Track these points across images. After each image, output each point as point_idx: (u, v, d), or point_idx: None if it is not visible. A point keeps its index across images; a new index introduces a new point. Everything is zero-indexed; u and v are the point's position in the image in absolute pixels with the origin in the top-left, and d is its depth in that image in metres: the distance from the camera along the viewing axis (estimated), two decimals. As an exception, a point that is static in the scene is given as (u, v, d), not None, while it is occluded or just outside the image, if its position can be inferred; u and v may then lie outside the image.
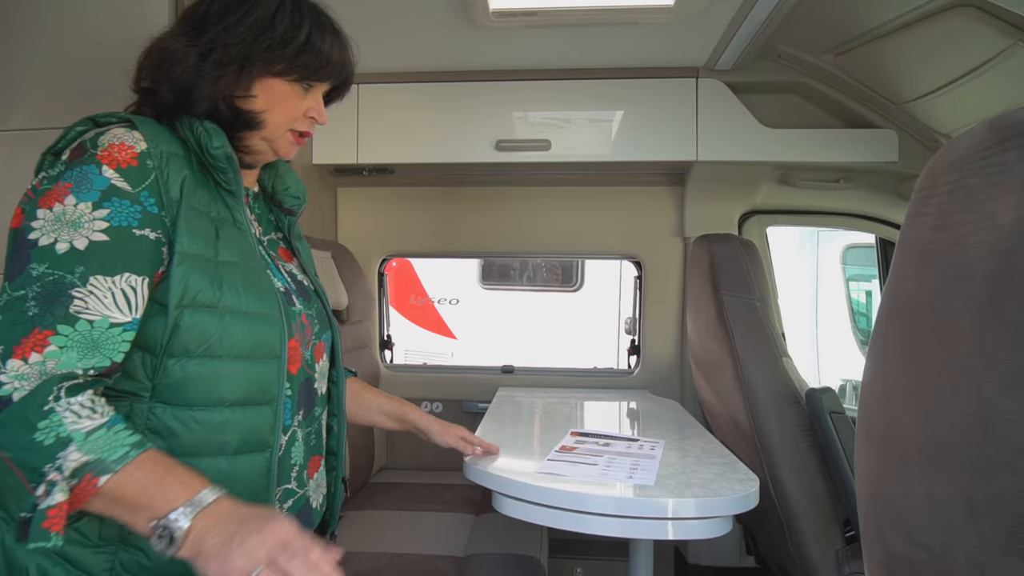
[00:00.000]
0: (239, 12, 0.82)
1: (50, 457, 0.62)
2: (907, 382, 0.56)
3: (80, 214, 0.69)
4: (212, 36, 0.80)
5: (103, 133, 0.74)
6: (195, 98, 0.80)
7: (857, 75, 1.68)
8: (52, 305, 0.66)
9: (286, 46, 0.82)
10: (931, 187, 0.55)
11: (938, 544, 0.52)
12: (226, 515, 0.65)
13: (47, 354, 0.65)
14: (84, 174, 0.71)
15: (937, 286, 0.52)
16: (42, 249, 0.68)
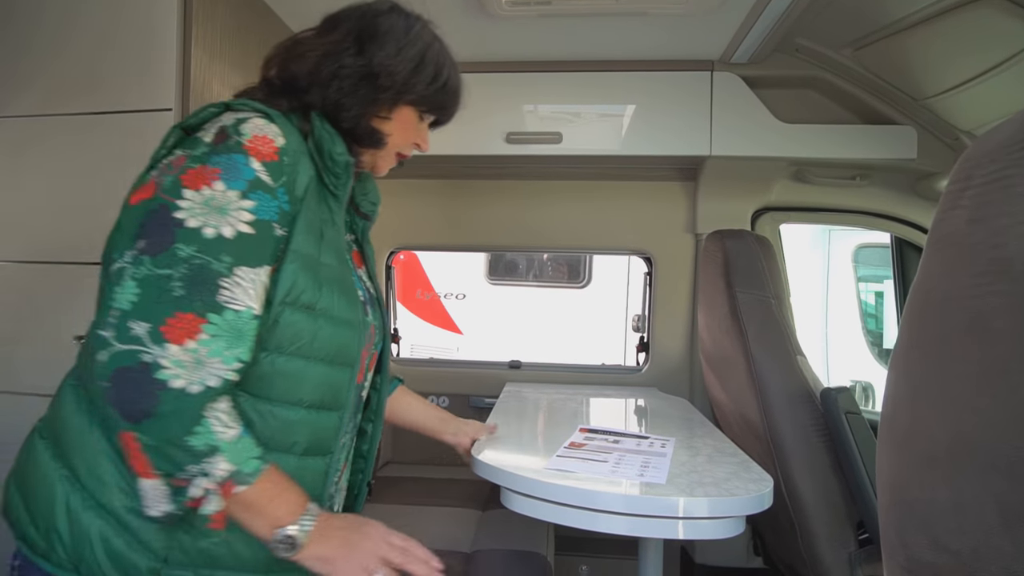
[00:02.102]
0: (402, 40, 0.85)
1: (196, 460, 0.66)
2: (936, 382, 0.54)
3: (228, 200, 0.70)
4: (380, 60, 0.84)
5: (244, 121, 0.74)
6: (344, 114, 0.83)
7: (876, 70, 1.65)
8: (199, 290, 0.67)
9: (434, 82, 0.88)
10: (966, 179, 0.53)
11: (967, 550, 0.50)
12: (335, 525, 0.74)
13: (200, 342, 0.66)
14: (233, 162, 0.71)
15: (972, 282, 0.49)
16: (190, 231, 0.67)
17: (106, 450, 0.72)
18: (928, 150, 1.75)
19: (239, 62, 1.43)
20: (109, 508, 0.71)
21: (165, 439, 0.65)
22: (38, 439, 0.78)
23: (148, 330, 0.64)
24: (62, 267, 1.30)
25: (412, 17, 0.90)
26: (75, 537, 0.71)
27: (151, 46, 1.26)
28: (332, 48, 0.84)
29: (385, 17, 0.87)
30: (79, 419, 0.74)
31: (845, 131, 1.80)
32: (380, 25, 0.85)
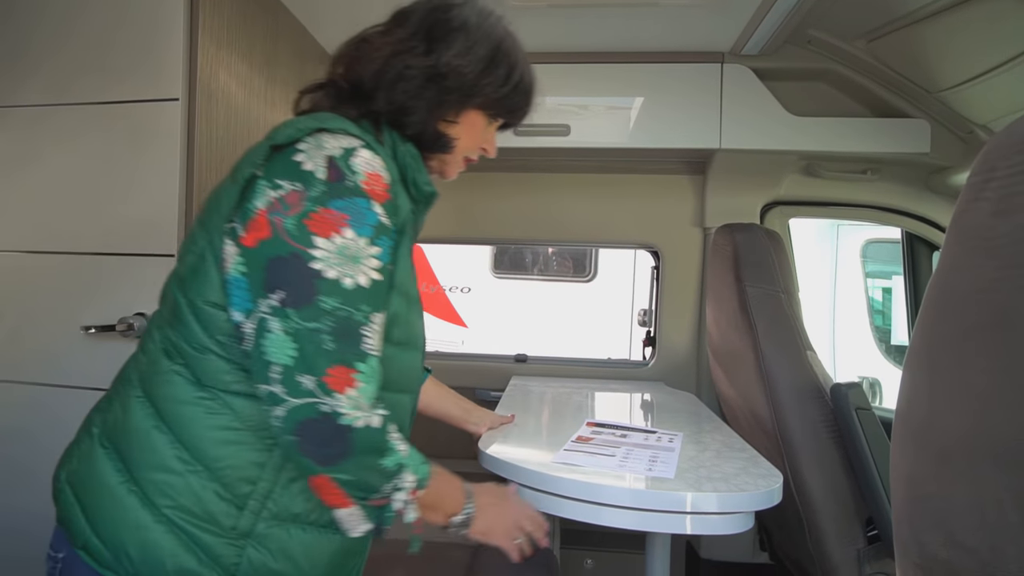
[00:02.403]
0: (471, 38, 0.82)
1: (389, 478, 0.72)
2: (957, 377, 0.53)
3: (359, 249, 0.70)
4: (447, 61, 0.80)
5: (352, 154, 0.71)
6: (409, 119, 0.81)
7: (890, 62, 1.62)
8: (347, 342, 0.69)
9: (505, 84, 0.84)
10: (990, 171, 0.51)
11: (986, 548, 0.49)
12: (488, 502, 0.87)
13: (360, 390, 0.69)
14: (358, 207, 0.70)
15: (995, 276, 0.48)
16: (330, 282, 0.68)
17: (178, 468, 0.72)
18: (941, 144, 1.73)
19: (246, 52, 1.43)
20: (180, 524, 0.72)
21: (363, 471, 0.70)
22: (99, 447, 0.76)
23: (316, 383, 0.67)
24: (69, 257, 1.30)
25: (485, 11, 0.85)
26: (145, 552, 0.71)
27: (158, 35, 1.25)
28: (399, 47, 0.81)
29: (457, 11, 0.83)
30: (149, 434, 0.74)
31: (857, 124, 1.78)
32: (451, 21, 0.82)
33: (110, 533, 0.72)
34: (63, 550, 0.75)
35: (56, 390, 1.29)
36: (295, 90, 1.50)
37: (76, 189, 1.30)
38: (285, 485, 0.75)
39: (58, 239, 1.31)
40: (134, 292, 1.25)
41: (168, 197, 1.24)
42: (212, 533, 0.72)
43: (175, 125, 1.24)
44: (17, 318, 1.33)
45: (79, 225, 1.29)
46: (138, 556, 0.71)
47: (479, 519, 0.84)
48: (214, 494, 0.72)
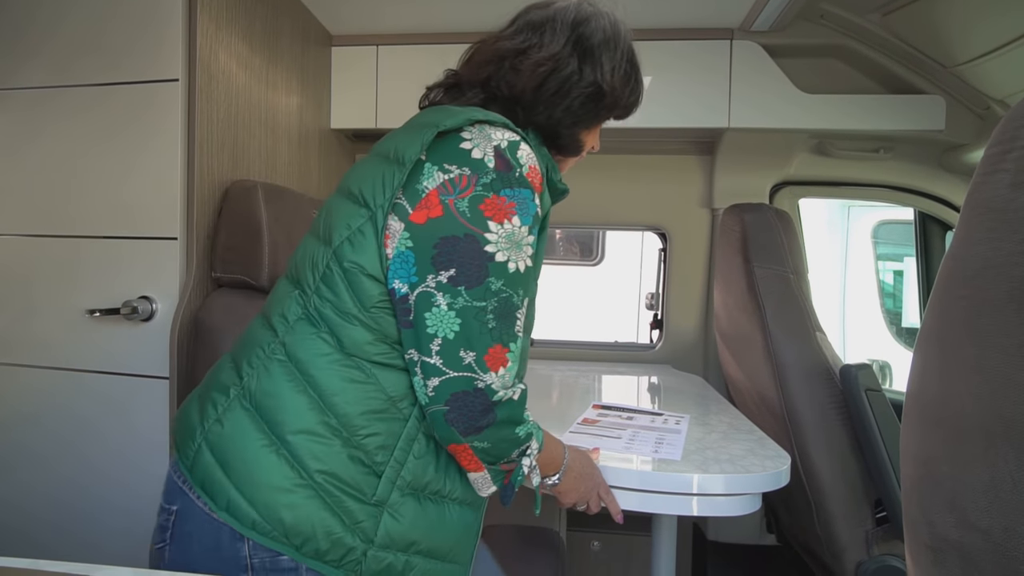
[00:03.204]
0: (616, 54, 0.86)
1: (519, 445, 0.78)
2: (971, 354, 0.51)
3: (522, 236, 0.75)
4: (606, 80, 0.85)
5: (516, 146, 0.76)
6: (564, 131, 0.87)
7: (905, 36, 1.58)
8: (506, 322, 0.74)
9: (636, 91, 0.90)
10: (1010, 140, 0.49)
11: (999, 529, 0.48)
12: (575, 469, 0.91)
13: (508, 368, 0.74)
14: (523, 197, 0.75)
15: (1014, 249, 0.47)
16: (499, 265, 0.73)
17: (324, 432, 0.75)
18: (957, 121, 1.69)
19: (246, 32, 1.41)
20: (328, 489, 0.74)
21: (500, 440, 0.76)
22: (241, 409, 0.77)
23: (475, 359, 0.72)
24: (72, 240, 1.30)
25: (614, 20, 0.88)
26: (296, 514, 0.73)
27: (157, 16, 1.24)
28: (557, 64, 0.84)
29: (595, 23, 0.86)
30: (295, 398, 0.75)
31: (870, 101, 1.74)
32: (593, 36, 0.85)
33: (259, 496, 0.73)
34: (177, 502, 0.77)
35: (62, 373, 1.30)
36: (297, 70, 1.52)
37: (78, 172, 1.29)
38: (419, 455, 0.78)
39: (60, 223, 1.31)
40: (138, 275, 1.25)
41: (170, 179, 1.23)
42: (355, 499, 0.74)
43: (175, 106, 1.23)
44: (21, 302, 1.33)
45: (81, 208, 1.29)
46: (290, 519, 0.72)
47: (564, 481, 0.90)
48: (358, 461, 0.74)
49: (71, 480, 1.29)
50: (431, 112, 0.81)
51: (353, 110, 1.91)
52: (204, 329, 1.17)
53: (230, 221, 1.25)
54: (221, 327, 1.16)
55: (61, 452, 1.30)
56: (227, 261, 1.24)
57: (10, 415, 1.33)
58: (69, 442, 1.29)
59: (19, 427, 1.33)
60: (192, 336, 1.19)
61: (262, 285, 1.21)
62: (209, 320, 1.17)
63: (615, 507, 0.95)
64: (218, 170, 1.31)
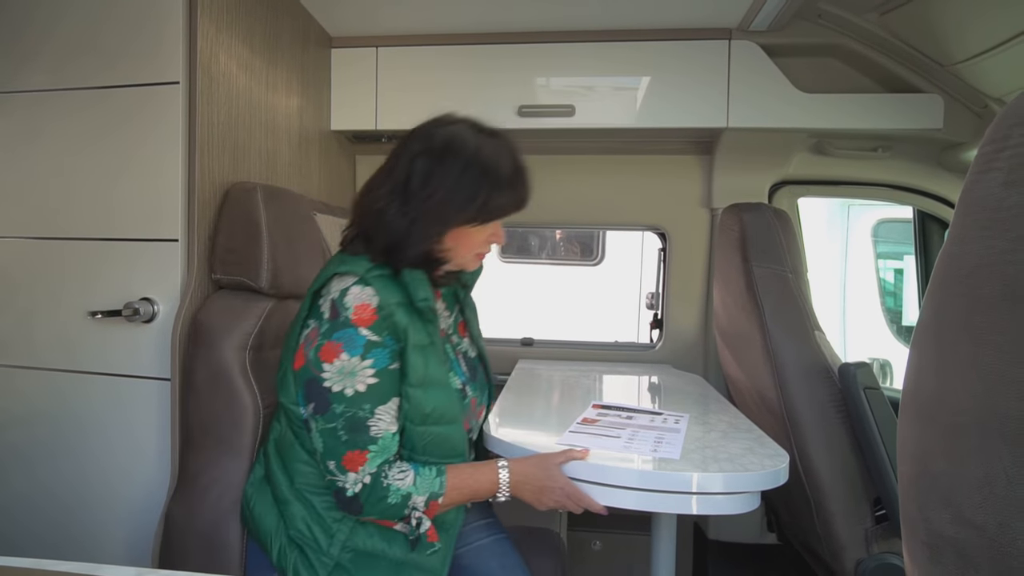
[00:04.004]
0: (437, 176, 1.00)
1: (404, 507, 1.00)
2: (966, 352, 0.51)
3: (354, 366, 0.97)
4: (416, 207, 1.00)
5: (345, 293, 0.98)
6: (405, 254, 1.01)
7: (902, 35, 1.58)
8: (357, 433, 0.98)
9: (470, 205, 1.00)
10: (1003, 139, 0.50)
11: (994, 524, 0.49)
12: (518, 481, 1.04)
13: (367, 464, 0.98)
14: (349, 336, 0.97)
15: (1007, 247, 0.47)
16: (336, 394, 0.97)
17: (297, 505, 1.05)
18: (955, 119, 1.69)
19: (247, 34, 1.41)
20: (299, 543, 1.04)
21: (380, 512, 1.00)
22: (270, 489, 1.09)
23: (335, 466, 0.98)
24: (74, 243, 1.30)
25: (454, 142, 1.01)
26: (280, 556, 1.04)
27: (157, 18, 1.24)
28: (383, 203, 1.01)
29: (423, 160, 1.00)
30: (283, 480, 1.07)
31: (868, 100, 1.74)
32: (418, 172, 1.00)
33: (268, 542, 1.08)
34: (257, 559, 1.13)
35: (64, 375, 1.31)
36: (297, 72, 1.56)
37: (79, 175, 1.30)
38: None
39: (62, 225, 1.31)
40: (139, 277, 1.26)
41: (171, 181, 1.24)
42: (319, 553, 1.03)
43: (176, 108, 1.23)
44: (23, 305, 1.34)
45: (83, 211, 1.30)
46: (276, 558, 1.07)
47: (522, 495, 1.04)
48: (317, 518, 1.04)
49: (74, 481, 1.30)
50: (326, 264, 1.06)
51: (353, 112, 1.92)
52: (202, 330, 1.17)
53: (230, 223, 1.25)
54: (219, 328, 1.16)
55: (64, 453, 1.30)
56: (227, 263, 1.24)
57: (12, 416, 1.34)
58: (72, 443, 1.30)
59: (22, 428, 1.33)
60: (191, 337, 1.20)
61: (261, 287, 1.21)
62: (208, 321, 1.18)
63: (593, 505, 1.02)
64: (219, 172, 1.31)
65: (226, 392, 1.14)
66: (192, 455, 1.17)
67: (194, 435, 1.17)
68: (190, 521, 1.12)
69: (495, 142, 1.03)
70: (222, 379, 1.14)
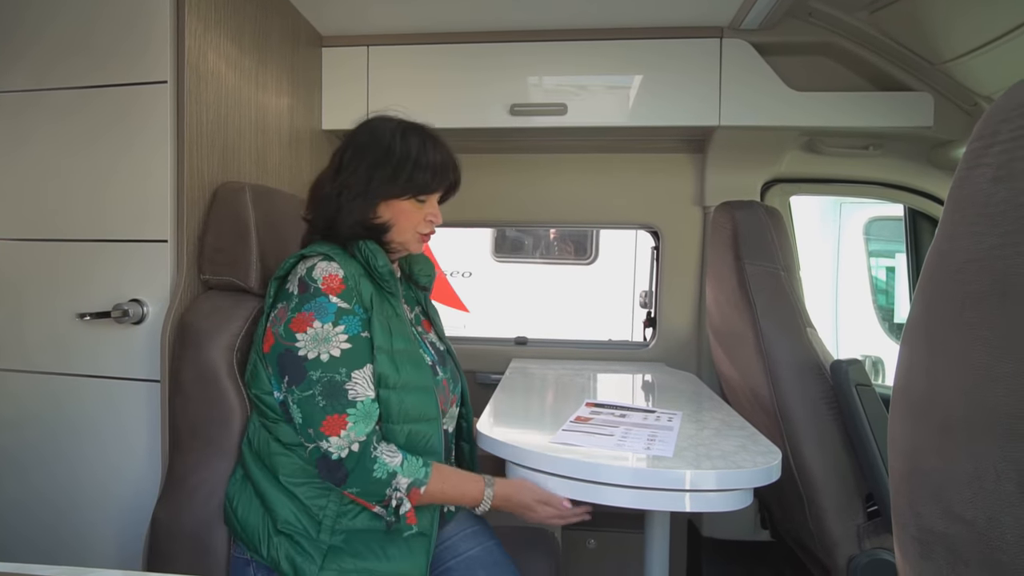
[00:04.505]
0: (360, 157, 1.09)
1: (387, 485, 1.00)
2: (956, 348, 0.52)
3: (327, 333, 1.00)
4: (342, 180, 1.09)
5: (312, 268, 1.02)
6: (339, 227, 1.08)
7: (892, 33, 1.59)
8: (335, 398, 0.99)
9: (397, 178, 1.08)
10: (991, 135, 0.50)
11: (983, 520, 0.49)
12: (502, 495, 1.08)
13: (349, 428, 0.99)
14: (319, 304, 1.00)
15: (995, 243, 0.47)
16: (312, 361, 0.99)
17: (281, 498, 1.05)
18: (945, 117, 1.70)
19: (235, 33, 1.40)
20: (288, 533, 1.03)
21: (364, 483, 0.99)
22: (251, 486, 1.08)
23: (315, 432, 0.99)
24: (62, 244, 1.29)
25: (377, 128, 1.12)
26: (270, 550, 1.04)
27: (144, 17, 1.23)
28: (321, 185, 1.12)
29: (350, 145, 1.12)
30: (262, 475, 1.07)
31: (859, 99, 1.75)
32: (347, 151, 1.12)
33: (255, 539, 1.07)
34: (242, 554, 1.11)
35: (53, 378, 1.29)
36: (287, 71, 1.57)
37: (66, 175, 1.28)
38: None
39: (49, 226, 1.30)
40: (128, 278, 1.25)
41: (159, 181, 1.23)
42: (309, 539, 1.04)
43: (164, 108, 1.22)
44: (11, 307, 1.32)
45: (70, 212, 1.28)
46: (266, 553, 1.06)
47: (502, 507, 1.08)
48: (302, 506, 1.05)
49: (65, 483, 1.28)
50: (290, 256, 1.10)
51: (344, 111, 1.91)
52: (190, 332, 1.16)
53: (218, 223, 1.24)
54: (207, 329, 1.15)
55: (54, 456, 1.29)
56: (215, 263, 1.23)
57: (2, 419, 1.33)
58: (61, 446, 1.29)
59: (10, 432, 1.32)
60: (179, 339, 1.19)
61: (250, 287, 1.20)
62: (195, 322, 1.17)
63: (578, 515, 1.08)
64: (208, 172, 1.30)
65: (214, 393, 1.13)
66: (180, 457, 1.16)
67: (182, 437, 1.16)
68: (177, 523, 1.11)
69: (417, 128, 1.13)
70: (209, 380, 1.13)
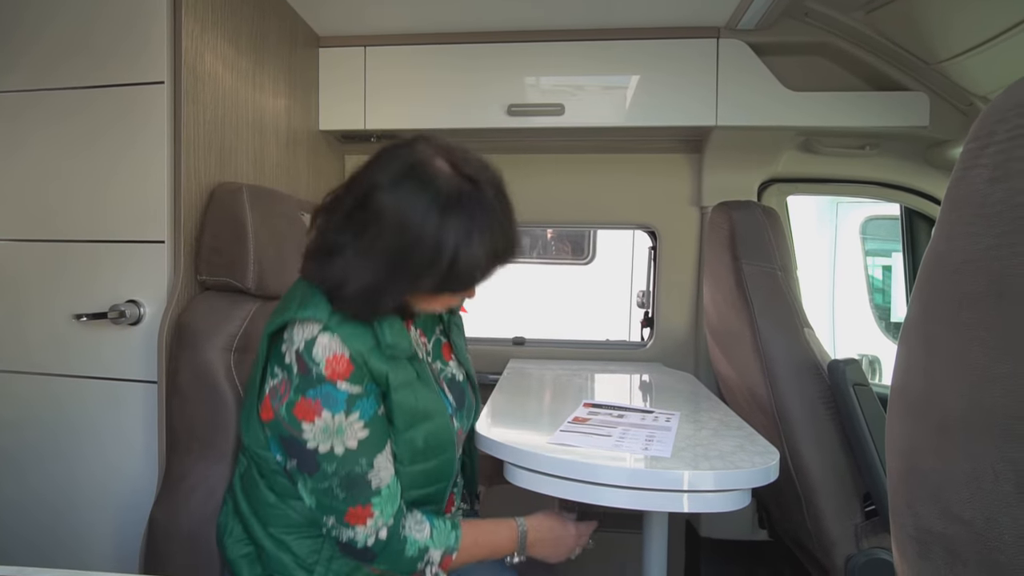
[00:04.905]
0: (378, 232, 0.87)
1: (419, 560, 0.94)
2: (953, 348, 0.52)
3: (339, 424, 0.88)
4: (354, 246, 0.88)
5: (312, 345, 0.87)
6: (345, 294, 0.89)
7: (888, 33, 1.59)
8: (356, 489, 0.90)
9: (424, 277, 0.88)
10: (987, 135, 0.50)
11: (981, 519, 0.49)
12: (536, 539, 1.05)
13: (376, 516, 0.91)
14: (326, 393, 0.87)
15: (992, 243, 0.47)
16: (324, 455, 0.88)
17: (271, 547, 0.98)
18: (941, 117, 1.70)
19: (232, 34, 1.40)
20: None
21: (394, 563, 0.93)
22: (240, 524, 1.02)
23: (335, 521, 0.91)
24: (58, 245, 1.28)
25: (388, 193, 0.89)
26: None
27: (141, 18, 1.22)
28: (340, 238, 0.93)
29: (363, 213, 0.92)
30: (253, 522, 0.99)
31: (855, 99, 1.75)
32: (383, 235, 0.89)
33: None
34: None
35: (50, 379, 1.29)
36: (284, 72, 1.53)
37: (63, 175, 1.28)
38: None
39: (46, 227, 1.29)
40: (125, 278, 1.24)
41: (156, 182, 1.22)
42: None
43: (161, 109, 1.22)
44: (7, 307, 1.32)
45: (67, 212, 1.28)
46: None
47: (535, 553, 1.05)
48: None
49: (64, 484, 1.28)
50: (274, 311, 0.94)
51: (342, 111, 1.91)
52: (187, 332, 1.16)
53: (215, 223, 1.24)
54: (204, 330, 1.15)
55: (53, 457, 1.29)
56: (212, 263, 1.23)
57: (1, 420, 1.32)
58: (58, 447, 1.28)
59: (7, 432, 1.31)
60: (176, 339, 1.18)
61: (247, 287, 1.20)
62: (192, 323, 1.16)
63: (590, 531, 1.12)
64: (205, 173, 1.30)
65: (211, 394, 1.13)
66: (177, 458, 1.16)
67: (179, 438, 1.16)
68: (174, 523, 1.11)
69: (464, 198, 0.87)
70: (206, 381, 1.13)
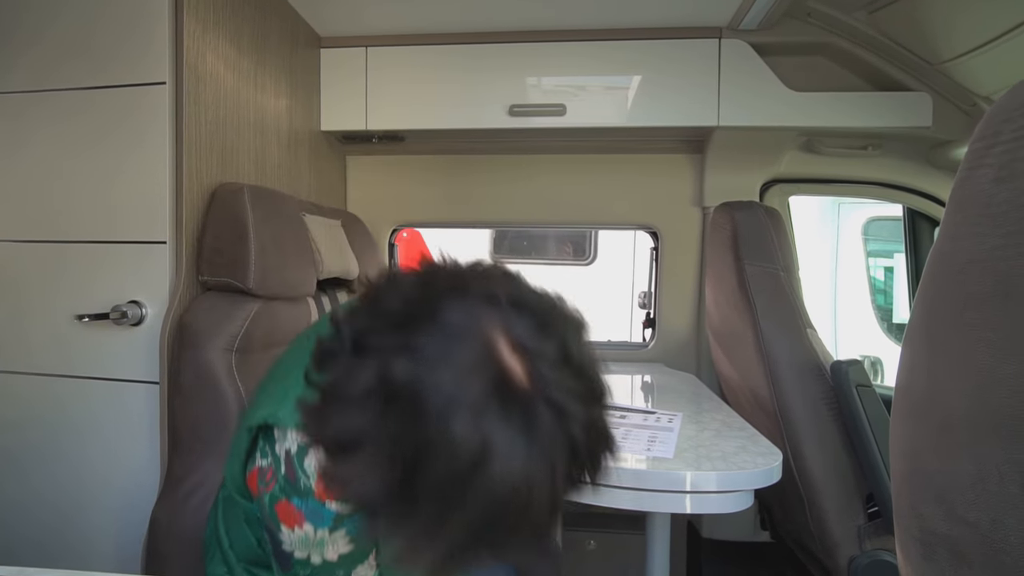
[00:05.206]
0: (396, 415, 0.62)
1: None
2: (958, 349, 0.51)
3: (322, 538, 0.77)
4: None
5: (303, 455, 0.76)
6: None
7: (891, 33, 1.59)
8: None
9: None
10: (993, 135, 0.50)
11: (987, 521, 0.49)
12: None
13: None
14: (312, 508, 0.77)
15: (998, 244, 0.47)
16: (300, 560, 0.78)
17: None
18: (944, 117, 1.70)
19: (234, 35, 1.40)
20: None
21: None
22: (218, 549, 0.92)
23: None
24: (60, 245, 1.28)
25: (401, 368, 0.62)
26: None
27: (143, 18, 1.22)
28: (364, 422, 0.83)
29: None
30: (229, 549, 0.90)
31: (857, 99, 1.75)
32: (430, 469, 0.74)
33: None
34: None
35: (52, 379, 1.29)
36: (286, 73, 1.50)
37: (65, 176, 1.28)
38: None
39: (48, 227, 1.29)
40: (127, 279, 1.24)
41: (158, 182, 1.22)
42: None
43: (163, 109, 1.22)
44: (9, 308, 1.32)
45: (69, 213, 1.28)
46: None
47: None
48: None
49: (66, 485, 1.28)
50: (264, 397, 0.83)
51: (343, 112, 1.91)
52: (188, 333, 1.16)
53: (216, 224, 1.24)
54: (205, 330, 1.15)
55: (55, 457, 1.29)
56: (214, 264, 1.23)
57: (3, 421, 1.32)
58: (60, 448, 1.28)
59: (9, 434, 1.31)
60: (178, 340, 1.18)
61: (249, 288, 1.20)
62: (193, 324, 1.16)
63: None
64: (207, 173, 1.30)
65: (212, 394, 1.13)
66: (179, 458, 1.16)
67: (181, 438, 1.16)
68: (174, 524, 1.11)
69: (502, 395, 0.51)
70: (208, 381, 1.13)
